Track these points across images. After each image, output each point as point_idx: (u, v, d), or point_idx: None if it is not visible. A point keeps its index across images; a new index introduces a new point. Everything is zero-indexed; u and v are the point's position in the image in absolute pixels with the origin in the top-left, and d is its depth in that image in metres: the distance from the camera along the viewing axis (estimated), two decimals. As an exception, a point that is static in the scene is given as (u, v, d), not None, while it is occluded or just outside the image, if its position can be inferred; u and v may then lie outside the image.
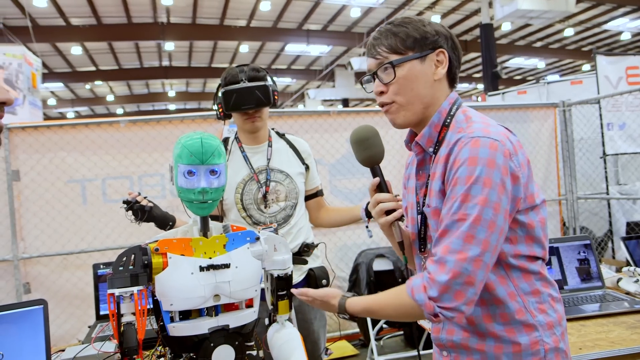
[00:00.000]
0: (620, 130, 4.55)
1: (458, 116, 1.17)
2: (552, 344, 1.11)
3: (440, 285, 1.01)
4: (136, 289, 1.14)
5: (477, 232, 1.01)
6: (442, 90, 1.20)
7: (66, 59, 15.55)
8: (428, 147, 1.18)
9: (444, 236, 1.04)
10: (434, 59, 1.17)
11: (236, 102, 1.87)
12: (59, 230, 3.38)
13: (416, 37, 1.16)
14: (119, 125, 3.49)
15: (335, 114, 3.97)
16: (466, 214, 1.01)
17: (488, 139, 1.05)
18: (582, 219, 4.69)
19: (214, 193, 1.22)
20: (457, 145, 1.07)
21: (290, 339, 1.36)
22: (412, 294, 1.05)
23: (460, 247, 1.01)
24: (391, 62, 1.15)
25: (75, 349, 1.78)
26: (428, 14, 13.72)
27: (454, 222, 1.03)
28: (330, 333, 3.62)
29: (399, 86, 1.16)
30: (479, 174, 1.02)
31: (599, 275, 2.34)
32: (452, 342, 1.19)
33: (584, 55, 18.12)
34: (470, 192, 1.02)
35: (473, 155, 1.03)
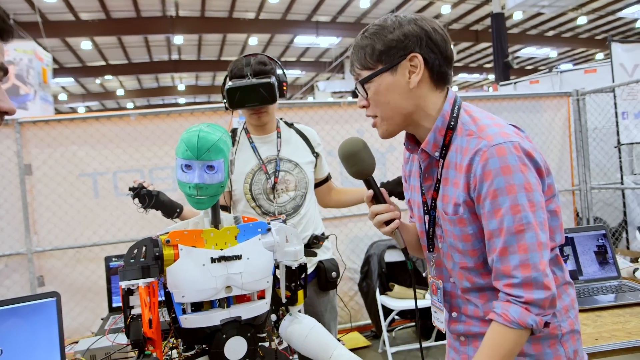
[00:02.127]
0: (635, 119, 4.48)
1: (463, 117, 1.13)
2: (568, 327, 1.14)
3: (540, 302, 1.02)
4: (142, 282, 1.13)
5: (541, 236, 1.02)
6: (425, 95, 1.13)
7: (76, 54, 15.64)
8: (434, 151, 1.15)
9: (509, 252, 1.03)
10: (407, 66, 1.10)
11: (240, 99, 1.86)
12: (72, 223, 3.41)
13: (381, 49, 1.10)
14: (129, 118, 3.50)
15: (346, 104, 3.95)
16: (523, 224, 1.01)
17: (510, 143, 1.03)
18: (595, 209, 4.63)
19: (210, 189, 1.20)
20: (478, 155, 1.05)
21: (314, 327, 1.35)
22: (522, 323, 1.02)
23: (537, 257, 1.01)
24: (360, 80, 1.14)
25: (88, 341, 1.79)
26: (438, 4, 13.57)
27: (513, 236, 1.02)
28: (341, 324, 3.62)
29: (374, 102, 1.15)
30: (518, 181, 1.02)
31: (615, 266, 2.30)
32: (470, 331, 1.20)
33: (598, 44, 17.82)
34: (518, 202, 1.01)
35: (504, 165, 1.02)
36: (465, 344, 1.23)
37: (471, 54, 19.60)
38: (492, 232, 1.05)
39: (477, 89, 23.75)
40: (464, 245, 1.12)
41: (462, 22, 15.59)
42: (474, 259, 1.13)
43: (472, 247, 1.11)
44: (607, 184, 4.70)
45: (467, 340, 1.22)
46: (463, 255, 1.14)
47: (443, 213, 1.15)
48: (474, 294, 1.17)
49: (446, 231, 1.16)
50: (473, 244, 1.11)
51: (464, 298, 1.19)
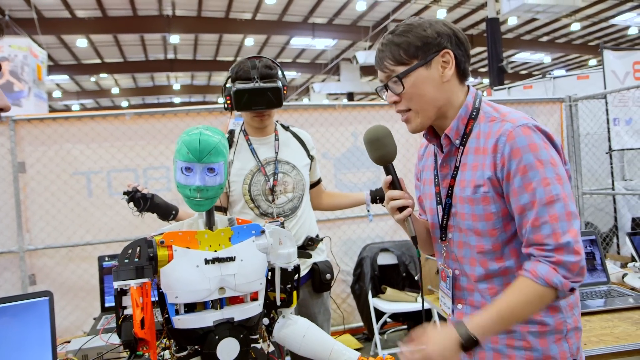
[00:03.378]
0: (626, 126, 4.52)
1: (485, 108, 1.23)
2: (573, 324, 1.20)
3: (570, 264, 1.06)
4: (134, 282, 1.13)
5: (570, 206, 1.09)
6: (454, 89, 1.23)
7: (71, 52, 15.56)
8: (455, 139, 1.23)
9: (540, 223, 1.08)
10: (440, 62, 1.19)
11: (247, 102, 1.88)
12: (65, 222, 3.40)
13: (418, 44, 1.18)
14: (124, 117, 3.50)
15: (341, 107, 3.96)
16: (553, 196, 1.08)
17: (532, 124, 1.13)
18: (587, 214, 4.67)
19: (210, 191, 1.21)
20: (504, 135, 1.12)
21: (309, 327, 1.36)
22: (548, 280, 1.06)
23: (567, 226, 1.07)
24: (397, 75, 1.19)
25: (80, 341, 1.79)
26: (434, 8, 13.63)
27: (544, 207, 1.08)
28: (334, 327, 3.63)
29: (409, 95, 1.20)
30: (545, 157, 1.09)
31: (605, 271, 2.33)
32: None
33: (591, 50, 17.96)
34: (547, 175, 1.08)
35: (531, 142, 1.10)
36: None
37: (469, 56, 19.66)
38: (525, 206, 1.10)
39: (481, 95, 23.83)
40: (485, 224, 1.18)
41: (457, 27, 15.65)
42: (492, 240, 1.18)
43: (493, 227, 1.17)
44: (599, 190, 4.74)
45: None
46: (481, 237, 1.19)
47: (461, 197, 1.21)
48: (483, 284, 1.21)
49: (463, 215, 1.21)
50: (494, 222, 1.17)
51: (471, 289, 1.23)
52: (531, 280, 1.08)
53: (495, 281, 1.19)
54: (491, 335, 1.13)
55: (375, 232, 4.05)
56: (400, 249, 3.68)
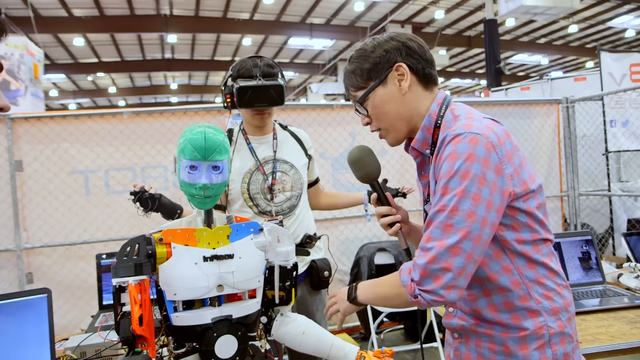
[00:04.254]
0: (623, 128, 4.54)
1: (447, 116, 1.20)
2: (557, 329, 1.14)
3: (419, 268, 1.08)
4: (132, 279, 1.14)
5: (455, 221, 1.06)
6: (418, 98, 1.23)
7: (68, 50, 15.53)
8: (424, 149, 1.24)
9: (428, 226, 1.11)
10: (395, 76, 1.21)
11: (250, 99, 1.88)
12: (62, 220, 3.39)
13: (368, 67, 1.22)
14: (122, 116, 3.50)
15: (339, 107, 3.97)
16: (445, 205, 1.07)
17: (469, 134, 1.08)
18: (583, 215, 4.70)
19: (216, 189, 1.22)
20: (443, 144, 1.12)
21: (308, 324, 1.37)
22: (400, 274, 1.12)
23: (440, 235, 1.07)
24: (357, 100, 1.25)
25: (79, 338, 1.79)
26: (432, 9, 13.65)
27: (435, 213, 1.09)
28: (331, 326, 3.63)
29: (375, 115, 1.25)
30: (458, 167, 1.06)
31: (600, 271, 2.34)
32: (462, 327, 1.23)
33: (588, 52, 18.05)
34: (449, 185, 1.07)
35: (453, 151, 1.08)
36: (458, 340, 1.26)
37: (464, 60, 19.74)
38: (434, 207, 1.11)
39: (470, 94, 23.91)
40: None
41: (455, 28, 15.70)
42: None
43: None
44: (595, 191, 4.77)
45: (460, 338, 1.25)
46: None
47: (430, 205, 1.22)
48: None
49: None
50: None
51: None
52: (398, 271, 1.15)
53: (473, 288, 1.18)
54: (366, 299, 1.28)
55: (373, 231, 4.06)
56: (397, 248, 3.69)
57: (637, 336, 1.73)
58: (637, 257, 2.48)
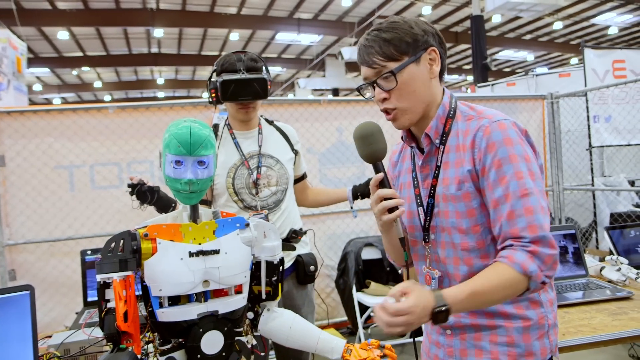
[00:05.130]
0: (606, 123, 4.61)
1: (461, 107, 1.24)
2: (552, 320, 1.21)
3: (547, 256, 1.06)
4: (117, 275, 1.13)
5: (543, 201, 1.10)
6: (437, 87, 1.25)
7: (52, 44, 15.28)
8: (435, 138, 1.23)
9: (515, 215, 1.09)
10: (427, 58, 1.20)
11: (233, 92, 1.88)
12: (46, 216, 3.35)
13: (408, 41, 1.18)
14: (107, 111, 3.46)
15: (326, 102, 3.96)
16: (527, 189, 1.09)
17: (509, 120, 1.15)
18: (567, 209, 4.76)
19: (201, 184, 1.21)
20: (481, 130, 1.14)
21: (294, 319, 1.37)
22: (524, 268, 1.05)
23: (543, 220, 1.08)
24: (391, 70, 1.17)
25: (62, 335, 1.77)
26: (419, 5, 13.69)
27: (519, 200, 1.08)
28: (318, 321, 3.65)
29: (400, 92, 1.19)
30: (519, 152, 1.11)
31: (583, 264, 2.38)
32: (460, 323, 1.22)
33: (572, 49, 18.25)
34: (521, 169, 1.10)
35: (506, 137, 1.12)
36: (452, 337, 1.25)
37: (451, 55, 19.82)
38: (498, 200, 1.11)
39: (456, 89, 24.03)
40: (468, 221, 1.18)
41: (442, 24, 15.75)
42: (476, 237, 1.18)
43: (476, 222, 1.17)
44: (579, 186, 4.83)
45: (453, 333, 1.24)
46: (465, 235, 1.19)
47: (444, 195, 1.21)
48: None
49: (447, 212, 1.21)
50: (477, 218, 1.17)
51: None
52: (508, 265, 1.06)
53: None
54: (460, 311, 1.08)
55: (360, 226, 4.07)
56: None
57: (618, 328, 1.76)
58: (619, 250, 2.52)
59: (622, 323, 1.80)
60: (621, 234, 2.59)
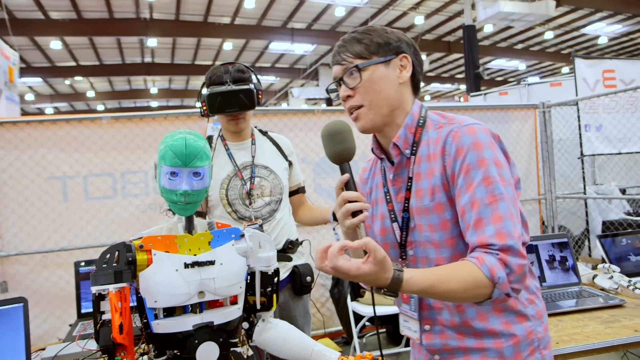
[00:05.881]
0: (597, 132, 4.66)
1: (431, 116, 1.22)
2: (543, 332, 1.17)
3: (517, 266, 1.01)
4: (113, 287, 1.13)
5: (513, 208, 1.04)
6: (407, 95, 1.22)
7: (45, 54, 15.27)
8: (405, 148, 1.20)
9: (483, 224, 1.03)
10: (398, 64, 1.20)
11: (220, 104, 1.89)
12: (39, 227, 3.33)
13: (380, 42, 1.19)
14: (101, 121, 3.45)
15: (320, 112, 3.98)
16: (496, 195, 1.03)
17: (480, 125, 1.11)
18: (560, 217, 4.79)
19: (196, 195, 1.21)
20: (450, 136, 1.11)
21: (289, 330, 1.37)
22: (492, 272, 0.99)
23: (512, 227, 1.02)
24: (356, 65, 1.17)
25: (56, 348, 1.76)
26: (412, 15, 13.81)
27: (487, 207, 1.03)
28: (313, 331, 3.64)
29: (365, 89, 1.18)
30: (489, 156, 1.06)
31: (576, 272, 2.40)
32: (448, 346, 1.18)
33: (563, 58, 18.47)
34: (490, 174, 1.05)
35: (475, 141, 1.07)
36: None
37: (443, 64, 20.00)
38: (465, 207, 1.06)
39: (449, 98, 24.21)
40: (442, 234, 1.13)
41: (435, 33, 15.91)
42: (451, 250, 1.13)
43: (450, 235, 1.12)
44: (571, 194, 4.87)
45: (442, 358, 1.20)
46: (439, 249, 1.14)
47: (417, 208, 1.16)
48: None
49: (421, 226, 1.16)
50: (451, 230, 1.12)
51: (439, 307, 1.18)
52: (476, 265, 1.00)
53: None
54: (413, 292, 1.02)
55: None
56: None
57: (611, 335, 1.77)
58: (611, 258, 2.54)
59: (615, 331, 1.81)
60: (613, 242, 2.61)
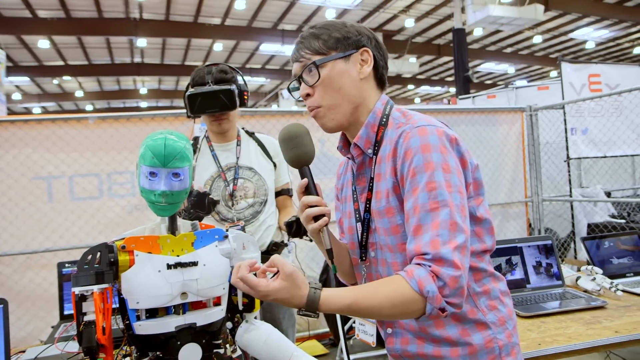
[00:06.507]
0: (583, 135, 4.71)
1: (394, 114, 1.16)
2: (506, 340, 1.11)
3: (449, 278, 0.93)
4: (97, 288, 1.12)
5: (457, 217, 0.97)
6: (370, 91, 1.17)
7: (33, 53, 15.11)
8: (367, 148, 1.16)
9: (422, 231, 0.97)
10: (359, 58, 1.15)
11: (200, 105, 1.89)
12: (23, 228, 3.29)
13: (338, 37, 1.15)
14: (87, 121, 3.43)
15: (308, 114, 3.98)
16: (438, 202, 0.97)
17: (433, 126, 1.04)
18: (546, 220, 4.83)
19: (175, 196, 1.21)
20: (401, 137, 1.05)
21: (271, 333, 1.36)
22: (420, 285, 0.93)
23: (448, 237, 0.95)
24: (314, 62, 1.13)
25: (36, 350, 1.74)
26: (402, 17, 13.88)
27: (428, 214, 0.97)
28: (300, 332, 3.63)
29: (324, 87, 1.14)
30: (437, 160, 0.99)
31: (560, 274, 2.42)
32: (408, 352, 1.16)
33: (551, 62, 18.67)
34: (435, 179, 0.98)
35: (424, 143, 1.01)
36: None
37: (433, 67, 20.11)
38: (408, 212, 1.01)
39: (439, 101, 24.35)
40: (394, 239, 1.09)
41: (425, 36, 16.00)
42: (404, 256, 1.08)
43: (402, 240, 1.07)
44: (557, 196, 4.92)
45: None
46: (394, 254, 1.10)
47: (375, 210, 1.13)
48: None
49: (378, 229, 1.14)
50: (402, 236, 1.07)
51: None
52: (404, 279, 0.95)
53: None
54: (334, 311, 0.99)
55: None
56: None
57: (592, 337, 1.79)
58: (594, 260, 2.57)
59: (596, 332, 1.83)
60: (597, 244, 2.64)
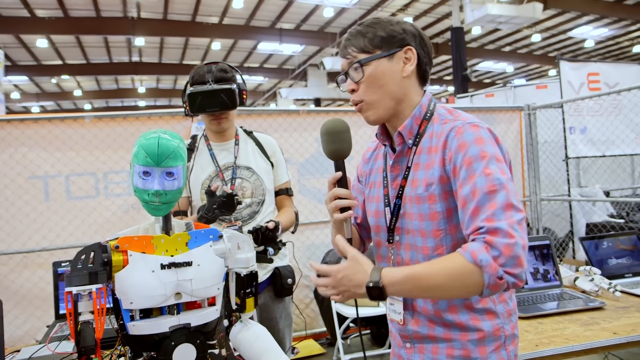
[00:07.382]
0: (581, 134, 4.70)
1: (439, 110, 1.23)
2: (510, 330, 1.20)
3: (503, 246, 0.97)
4: (94, 287, 1.12)
5: (513, 200, 1.03)
6: (412, 87, 1.23)
7: (31, 52, 15.06)
8: (409, 138, 1.23)
9: (480, 212, 1.03)
10: (402, 57, 1.20)
11: (201, 104, 1.88)
12: (19, 227, 3.28)
13: (383, 36, 1.19)
14: (83, 121, 3.41)
15: (305, 113, 3.98)
16: (495, 185, 1.03)
17: (484, 124, 1.14)
18: (545, 219, 4.83)
19: (169, 195, 1.20)
20: (453, 131, 1.13)
21: (261, 335, 1.35)
22: (473, 255, 0.98)
23: (504, 214, 1.01)
24: (359, 60, 1.19)
25: (31, 349, 1.73)
26: (400, 16, 13.86)
27: (486, 196, 1.03)
28: (296, 332, 3.62)
29: (368, 84, 1.20)
30: (491, 151, 1.08)
31: (557, 275, 2.41)
32: (418, 333, 1.22)
33: (550, 61, 18.64)
34: (490, 167, 1.05)
35: (478, 137, 1.10)
36: (412, 351, 1.24)
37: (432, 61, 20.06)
38: (466, 197, 1.06)
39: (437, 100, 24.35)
40: (430, 224, 1.16)
41: (423, 34, 15.97)
42: (436, 242, 1.16)
43: (437, 227, 1.16)
44: (556, 196, 4.91)
45: (412, 347, 1.24)
46: (426, 239, 1.18)
47: (410, 196, 1.20)
48: None
49: (412, 214, 1.20)
50: (439, 222, 1.15)
51: None
52: (459, 253, 1.02)
53: None
54: (398, 293, 1.06)
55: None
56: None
57: (590, 338, 1.78)
58: (592, 260, 2.56)
59: (594, 333, 1.82)
60: (595, 244, 2.63)
